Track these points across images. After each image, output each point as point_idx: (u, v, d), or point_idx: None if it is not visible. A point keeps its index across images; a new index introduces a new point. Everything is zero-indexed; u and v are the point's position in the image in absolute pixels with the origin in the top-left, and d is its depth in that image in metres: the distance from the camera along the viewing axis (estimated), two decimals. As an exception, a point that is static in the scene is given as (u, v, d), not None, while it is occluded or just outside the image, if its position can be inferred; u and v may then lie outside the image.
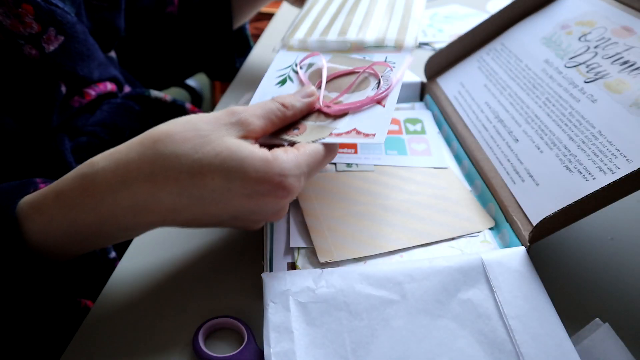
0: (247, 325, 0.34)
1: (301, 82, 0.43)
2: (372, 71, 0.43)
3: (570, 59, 0.46)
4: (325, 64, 0.44)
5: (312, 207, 0.41)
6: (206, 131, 0.32)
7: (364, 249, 0.38)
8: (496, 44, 0.55)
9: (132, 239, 0.36)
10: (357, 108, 0.39)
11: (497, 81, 0.51)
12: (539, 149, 0.41)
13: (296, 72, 0.44)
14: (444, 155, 0.48)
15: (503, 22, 0.56)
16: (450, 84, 0.55)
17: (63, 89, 0.51)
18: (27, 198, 0.33)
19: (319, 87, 0.42)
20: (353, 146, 0.49)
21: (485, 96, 0.50)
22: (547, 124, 0.42)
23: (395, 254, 0.38)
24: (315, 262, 0.37)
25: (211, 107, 1.79)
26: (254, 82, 0.71)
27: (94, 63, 0.54)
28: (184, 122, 0.33)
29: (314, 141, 0.36)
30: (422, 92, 0.59)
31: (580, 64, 0.45)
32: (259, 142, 0.35)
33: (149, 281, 0.39)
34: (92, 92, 0.56)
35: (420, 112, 0.55)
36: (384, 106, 0.39)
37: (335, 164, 0.46)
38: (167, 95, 0.65)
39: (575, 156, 0.38)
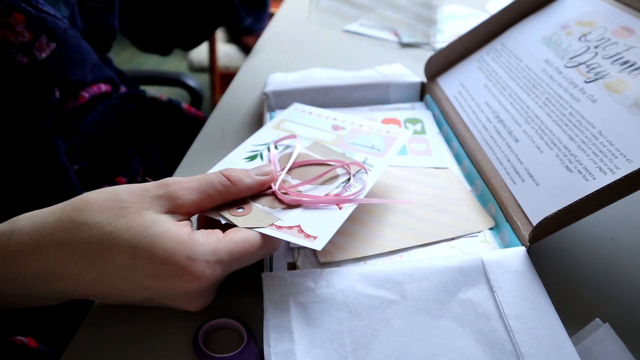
0: (247, 325, 0.34)
1: (270, 162, 0.40)
2: (346, 168, 0.40)
3: (570, 59, 0.46)
4: (299, 147, 0.42)
5: (312, 207, 0.41)
6: (127, 203, 0.31)
7: (364, 249, 0.38)
8: (496, 44, 0.55)
9: (52, 304, 0.35)
10: (313, 203, 0.36)
11: (497, 81, 0.51)
12: (539, 149, 0.41)
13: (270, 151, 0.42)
14: (444, 155, 0.48)
15: (503, 22, 0.56)
16: (450, 84, 0.55)
17: (57, 94, 0.50)
18: None
19: (284, 169, 0.39)
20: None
21: (485, 96, 0.50)
22: (547, 124, 0.42)
23: (395, 254, 0.38)
24: (315, 262, 0.37)
25: (211, 107, 1.79)
26: (253, 82, 0.71)
27: (87, 67, 0.53)
28: (109, 192, 0.32)
29: (252, 228, 0.33)
30: (422, 92, 0.59)
31: (580, 64, 0.45)
32: (201, 216, 0.34)
33: (149, 281, 0.39)
34: (86, 95, 0.56)
35: (420, 112, 0.55)
36: (340, 209, 0.36)
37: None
38: (162, 95, 0.65)
39: (575, 156, 0.38)
